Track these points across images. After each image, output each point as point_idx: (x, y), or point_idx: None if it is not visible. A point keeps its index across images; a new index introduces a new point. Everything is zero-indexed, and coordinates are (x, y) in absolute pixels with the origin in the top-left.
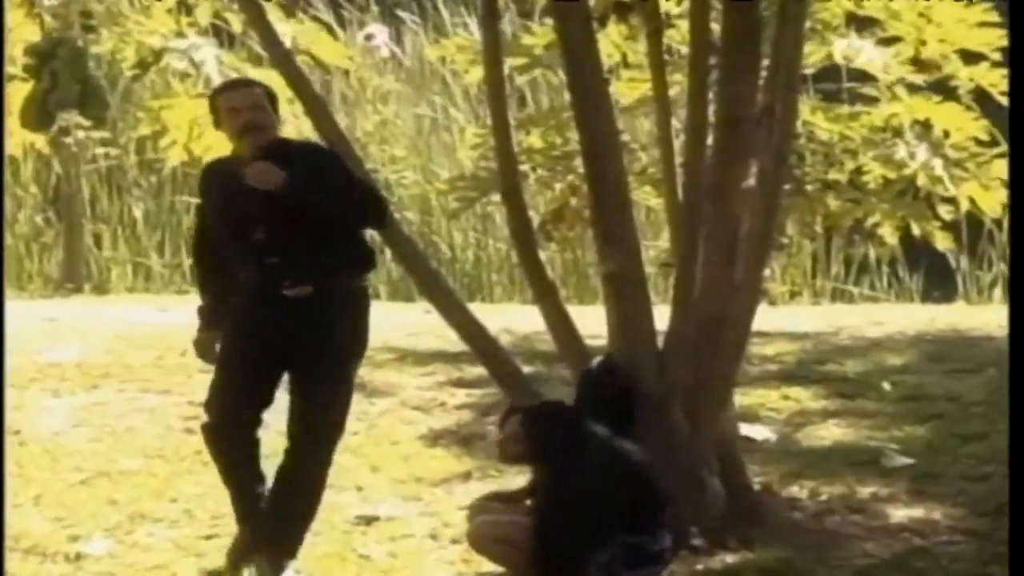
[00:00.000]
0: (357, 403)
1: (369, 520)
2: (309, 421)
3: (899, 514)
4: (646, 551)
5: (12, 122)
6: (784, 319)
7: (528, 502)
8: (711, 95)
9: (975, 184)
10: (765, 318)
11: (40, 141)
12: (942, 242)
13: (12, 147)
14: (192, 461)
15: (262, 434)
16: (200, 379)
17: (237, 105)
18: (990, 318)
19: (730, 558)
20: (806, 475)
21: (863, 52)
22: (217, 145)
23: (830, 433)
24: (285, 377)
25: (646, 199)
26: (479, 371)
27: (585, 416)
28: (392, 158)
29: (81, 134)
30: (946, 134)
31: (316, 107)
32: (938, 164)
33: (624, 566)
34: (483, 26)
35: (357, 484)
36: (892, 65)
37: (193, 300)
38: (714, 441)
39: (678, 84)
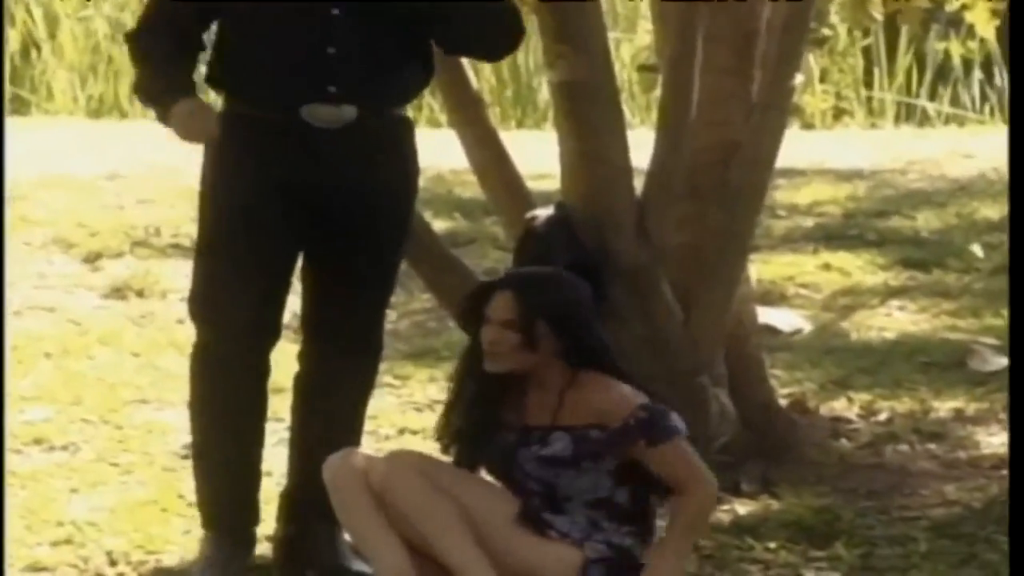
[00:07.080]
0: None
1: None
2: (349, 326)
3: (994, 441)
4: None
5: None
6: (826, 149)
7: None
8: None
9: None
10: (797, 148)
11: None
12: None
13: None
14: None
15: None
16: None
17: None
18: None
19: (743, 508)
20: (857, 384)
21: None
22: None
23: (893, 322)
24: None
25: None
26: None
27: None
28: None
29: None
30: None
31: None
32: None
33: None
34: None
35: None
36: None
37: None
38: (720, 333)
39: None
